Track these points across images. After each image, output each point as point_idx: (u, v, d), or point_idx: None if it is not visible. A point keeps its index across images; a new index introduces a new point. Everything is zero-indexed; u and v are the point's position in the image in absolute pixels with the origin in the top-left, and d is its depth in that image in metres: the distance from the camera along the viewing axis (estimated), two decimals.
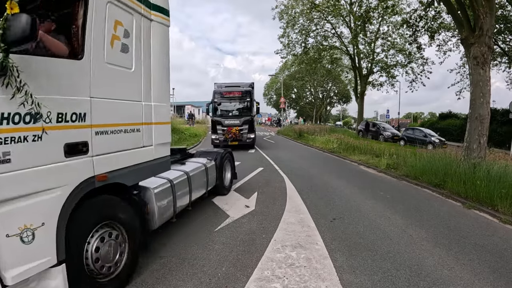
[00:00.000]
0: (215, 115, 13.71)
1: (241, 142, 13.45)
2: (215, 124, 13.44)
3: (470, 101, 7.71)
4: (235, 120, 13.50)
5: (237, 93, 14.05)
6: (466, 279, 2.80)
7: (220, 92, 13.99)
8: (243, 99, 14.01)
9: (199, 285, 2.67)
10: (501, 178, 5.52)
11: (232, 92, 14.13)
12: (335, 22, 24.28)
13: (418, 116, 66.45)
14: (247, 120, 13.60)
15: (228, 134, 13.09)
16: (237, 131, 13.13)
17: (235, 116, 13.81)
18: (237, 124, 13.38)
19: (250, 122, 13.73)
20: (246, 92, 14.06)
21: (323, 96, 52.44)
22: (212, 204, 5.18)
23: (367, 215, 4.67)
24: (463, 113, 26.75)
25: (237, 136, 13.15)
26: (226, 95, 14.01)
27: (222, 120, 13.42)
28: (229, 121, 13.40)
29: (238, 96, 14.04)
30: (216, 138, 13.42)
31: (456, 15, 8.26)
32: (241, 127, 13.36)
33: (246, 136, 13.54)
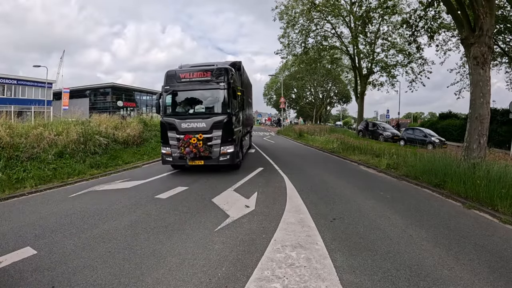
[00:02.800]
0: (166, 114, 8.06)
1: (210, 162, 7.71)
2: (165, 130, 7.93)
3: (470, 101, 7.71)
4: (198, 121, 7.73)
5: (204, 75, 7.98)
6: (466, 279, 2.80)
7: (175, 75, 8.11)
8: (215, 85, 7.90)
9: (199, 285, 2.67)
10: (501, 178, 5.52)
11: (196, 73, 8.03)
12: (335, 22, 24.31)
13: (418, 116, 66.46)
14: (219, 122, 7.65)
15: (184, 147, 7.46)
16: (199, 143, 7.46)
17: (198, 115, 7.96)
18: (202, 128, 7.64)
19: (226, 125, 7.71)
20: (220, 74, 7.93)
21: (323, 96, 52.44)
22: (212, 204, 5.19)
23: (367, 215, 4.67)
24: (463, 113, 26.80)
25: (201, 150, 7.46)
26: (185, 80, 8.02)
27: (176, 122, 7.80)
28: (187, 124, 7.72)
29: (205, 80, 7.94)
30: (167, 153, 7.90)
31: (456, 15, 8.26)
32: (208, 134, 7.61)
33: (217, 151, 7.65)
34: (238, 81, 9.27)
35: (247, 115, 12.22)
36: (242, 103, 9.58)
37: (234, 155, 7.93)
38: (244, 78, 11.02)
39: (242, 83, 10.15)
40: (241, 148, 9.39)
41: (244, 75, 10.90)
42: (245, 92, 10.81)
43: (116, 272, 2.88)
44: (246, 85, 11.68)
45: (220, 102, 7.93)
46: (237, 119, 8.53)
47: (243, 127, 10.24)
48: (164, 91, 8.09)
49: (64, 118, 12.65)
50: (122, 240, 3.66)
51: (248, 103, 12.84)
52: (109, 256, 3.21)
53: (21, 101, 35.45)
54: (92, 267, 2.99)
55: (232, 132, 7.84)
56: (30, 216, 4.58)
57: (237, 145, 8.38)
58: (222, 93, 7.84)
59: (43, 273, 2.88)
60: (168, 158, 7.94)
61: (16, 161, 7.45)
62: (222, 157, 7.67)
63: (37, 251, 3.34)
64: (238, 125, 8.77)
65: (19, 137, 8.11)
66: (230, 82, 7.84)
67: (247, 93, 12.08)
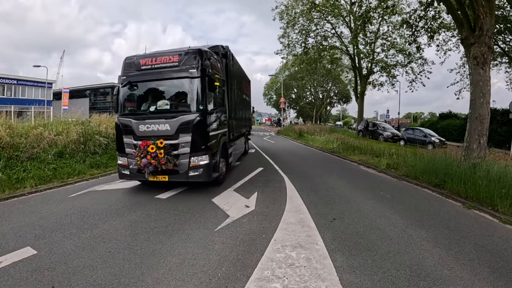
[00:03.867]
0: (122, 114, 6.23)
1: (176, 178, 5.72)
2: (120, 134, 6.06)
3: (470, 101, 7.71)
4: (161, 122, 5.72)
5: (170, 61, 5.89)
6: (466, 279, 2.80)
7: (134, 62, 6.11)
8: (183, 72, 5.80)
9: (199, 285, 2.67)
10: (501, 178, 5.52)
11: (159, 59, 5.97)
12: (335, 22, 24.32)
13: (418, 116, 66.49)
14: (188, 124, 5.63)
15: (140, 157, 5.57)
16: (160, 152, 5.48)
17: (161, 113, 5.88)
18: (164, 132, 5.68)
19: (198, 127, 5.65)
20: (191, 58, 5.81)
21: (323, 96, 52.45)
22: (212, 204, 5.19)
23: (367, 215, 4.67)
24: (463, 113, 26.81)
25: (162, 162, 5.49)
26: (146, 68, 6.01)
27: (133, 123, 5.88)
28: (146, 126, 5.78)
29: (172, 66, 5.87)
30: (123, 165, 6.04)
31: (456, 15, 8.26)
32: (172, 139, 5.64)
33: (186, 164, 5.67)
34: (221, 70, 7.02)
35: (239, 114, 9.79)
36: (223, 97, 7.09)
37: (210, 168, 5.77)
38: (235, 69, 8.89)
39: (231, 73, 7.98)
40: (226, 157, 7.15)
41: (234, 65, 8.83)
42: (234, 84, 8.54)
43: (116, 272, 2.88)
44: (238, 77, 9.48)
45: (190, 95, 5.77)
46: (216, 119, 6.32)
47: (233, 129, 8.16)
48: (123, 83, 6.05)
49: (64, 118, 12.65)
50: (122, 240, 3.66)
51: (242, 100, 10.64)
52: (109, 256, 3.21)
53: (21, 101, 35.46)
54: (92, 267, 2.99)
55: (206, 137, 5.69)
56: (30, 216, 4.58)
57: (216, 154, 6.16)
58: (193, 83, 5.67)
59: (43, 273, 2.88)
60: (124, 171, 6.01)
61: (16, 161, 7.45)
62: (192, 172, 5.58)
63: (37, 251, 3.34)
64: (218, 127, 6.46)
65: (19, 137, 8.11)
66: (204, 68, 5.66)
67: (240, 86, 9.97)
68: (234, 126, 8.38)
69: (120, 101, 6.29)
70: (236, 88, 9.02)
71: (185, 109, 5.81)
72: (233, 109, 8.26)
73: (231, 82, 8.02)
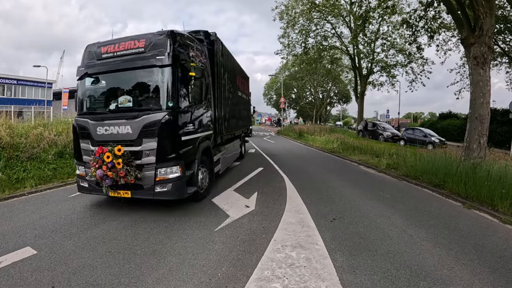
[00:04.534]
0: (80, 113, 5.16)
1: (139, 194, 4.54)
2: (77, 137, 4.98)
3: (470, 101, 7.71)
4: (121, 124, 4.53)
5: (135, 46, 4.71)
6: (466, 279, 2.80)
7: (95, 51, 5.04)
8: (148, 60, 4.54)
9: (199, 285, 2.67)
10: (501, 178, 5.52)
11: (123, 44, 4.80)
12: (335, 22, 24.33)
13: (418, 116, 66.50)
14: (153, 125, 4.37)
15: (95, 167, 4.43)
16: (117, 162, 4.29)
17: (122, 112, 4.67)
18: (124, 136, 4.50)
19: (166, 129, 4.39)
20: (159, 42, 4.60)
21: (323, 96, 52.44)
22: (212, 204, 5.19)
23: (367, 215, 4.67)
24: (463, 113, 26.81)
25: (120, 174, 4.30)
26: (107, 56, 4.89)
27: (90, 124, 4.77)
28: (105, 129, 4.62)
29: (136, 53, 4.67)
30: (82, 175, 4.98)
31: (456, 15, 8.26)
32: (134, 146, 4.45)
33: (151, 177, 4.44)
34: (205, 59, 5.74)
35: (233, 113, 8.46)
36: (206, 92, 5.57)
37: (182, 183, 4.54)
38: (226, 61, 7.44)
39: (219, 65, 6.65)
40: (210, 166, 5.76)
41: (225, 56, 7.35)
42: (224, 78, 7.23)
43: (116, 272, 2.88)
44: (230, 71, 8.12)
45: (157, 89, 4.55)
46: (193, 119, 5.01)
47: (222, 131, 6.85)
48: (81, 74, 4.98)
49: (64, 118, 12.64)
50: (122, 240, 3.65)
51: (237, 97, 9.30)
52: (109, 256, 3.21)
53: (21, 101, 35.45)
54: (92, 267, 2.99)
55: (177, 143, 4.49)
56: (30, 216, 4.58)
57: (192, 164, 4.92)
58: (162, 73, 4.47)
59: (43, 273, 2.88)
60: (83, 183, 4.90)
61: (16, 161, 7.45)
62: (159, 187, 4.39)
63: (37, 251, 3.34)
64: (198, 128, 5.18)
65: (19, 137, 8.11)
66: (176, 55, 4.49)
67: (233, 82, 8.63)
68: (224, 127, 7.14)
69: (79, 98, 5.13)
70: (228, 83, 7.77)
71: (151, 107, 4.53)
72: (223, 107, 7.02)
73: (219, 75, 6.69)
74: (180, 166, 4.53)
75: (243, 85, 10.81)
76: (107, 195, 4.68)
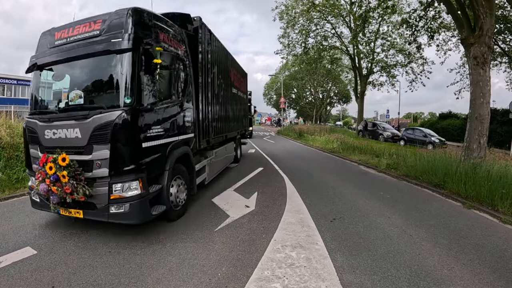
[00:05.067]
0: (31, 112, 4.13)
1: (92, 215, 3.55)
2: (26, 142, 4.05)
3: (470, 101, 7.72)
4: (69, 126, 3.52)
5: (90, 29, 3.70)
6: (466, 279, 2.80)
7: (48, 39, 4.02)
8: (102, 46, 3.50)
9: (199, 285, 2.67)
10: (501, 178, 5.53)
11: (77, 28, 3.80)
12: (335, 22, 24.34)
13: (418, 116, 66.50)
14: (105, 128, 3.35)
15: (40, 180, 3.45)
16: (62, 174, 3.30)
17: (72, 111, 3.63)
18: (72, 142, 3.51)
19: (122, 132, 3.35)
20: (115, 25, 3.59)
21: (323, 96, 52.46)
22: (212, 204, 5.19)
23: (367, 215, 4.67)
24: (463, 113, 26.80)
25: (66, 190, 3.30)
26: (61, 42, 3.88)
27: (38, 126, 3.79)
28: (53, 132, 3.63)
29: (91, 37, 3.67)
30: (33, 188, 3.87)
31: (456, 15, 8.27)
32: (84, 154, 3.46)
33: (104, 194, 3.43)
34: (183, 47, 4.76)
35: (225, 113, 7.55)
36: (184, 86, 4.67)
37: (144, 202, 3.57)
38: (215, 51, 6.42)
39: (205, 55, 5.66)
40: (189, 178, 4.78)
41: (213, 46, 6.27)
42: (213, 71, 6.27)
43: (116, 272, 2.88)
44: (221, 64, 7.11)
45: (113, 81, 3.60)
46: (163, 119, 4.02)
47: (207, 133, 5.84)
48: (32, 65, 4.07)
49: None
50: (122, 240, 3.65)
51: (231, 95, 8.35)
52: (109, 256, 3.21)
53: (21, 101, 35.43)
54: (92, 267, 2.99)
55: (137, 150, 3.52)
56: (30, 216, 4.58)
57: (161, 177, 3.99)
58: (119, 61, 3.53)
59: (43, 273, 2.88)
60: (34, 197, 4.00)
61: (16, 161, 7.44)
62: (114, 207, 3.45)
63: (37, 251, 3.34)
64: (169, 131, 4.18)
65: (19, 137, 8.11)
66: (138, 37, 3.55)
67: (226, 76, 7.67)
68: (212, 129, 6.18)
69: (32, 94, 4.23)
70: (219, 78, 6.80)
71: (105, 104, 3.50)
72: (211, 105, 6.03)
73: (205, 68, 5.64)
74: (140, 181, 3.49)
75: (239, 82, 9.62)
76: (57, 214, 3.72)
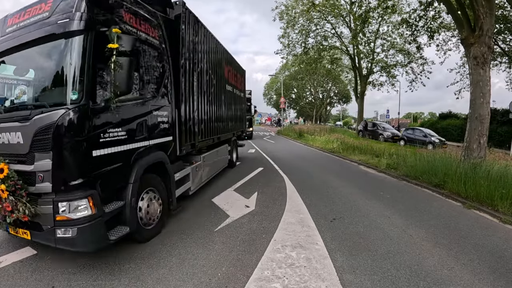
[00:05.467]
0: None
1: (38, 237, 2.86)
2: None
3: (470, 101, 7.71)
4: (10, 129, 2.89)
5: (40, 11, 2.96)
6: (466, 279, 2.80)
7: (2, 26, 3.30)
8: (49, 30, 2.83)
9: (199, 285, 2.67)
10: (501, 178, 5.53)
11: (29, 11, 3.07)
12: (335, 22, 24.35)
13: (418, 116, 66.50)
14: (46, 131, 2.67)
15: None
16: (1, 188, 2.66)
17: (17, 110, 3.04)
18: (15, 148, 2.86)
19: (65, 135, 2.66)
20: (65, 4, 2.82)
21: (323, 96, 52.47)
22: (212, 204, 5.19)
23: (367, 215, 4.67)
24: (463, 113, 26.79)
25: (6, 207, 2.68)
26: (12, 30, 3.16)
27: None
28: None
29: (39, 22, 2.92)
30: None
31: (456, 15, 8.26)
32: (25, 163, 2.80)
33: (49, 214, 2.72)
34: (153, 31, 3.90)
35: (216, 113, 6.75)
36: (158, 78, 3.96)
37: (97, 226, 2.86)
38: (200, 40, 5.55)
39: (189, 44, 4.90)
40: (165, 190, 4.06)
41: (200, 34, 5.50)
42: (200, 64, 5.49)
43: (116, 272, 2.88)
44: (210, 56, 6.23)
45: (59, 72, 2.95)
46: (123, 120, 3.28)
47: (191, 136, 5.04)
48: None
49: None
50: (123, 240, 3.65)
51: (225, 93, 7.64)
52: (109, 256, 3.21)
53: None
54: (92, 266, 2.99)
55: (86, 159, 2.82)
56: None
57: (122, 192, 3.28)
58: (66, 46, 2.87)
59: (43, 273, 2.88)
60: None
61: None
62: (61, 231, 2.76)
63: (37, 251, 3.34)
64: (133, 135, 3.43)
65: None
66: (90, 16, 2.86)
67: (218, 72, 6.86)
68: (198, 131, 5.40)
69: None
70: (209, 73, 6.04)
71: (48, 101, 2.84)
72: (197, 103, 5.28)
73: (190, 60, 4.96)
74: (90, 199, 2.78)
75: (235, 79, 8.83)
76: (7, 232, 3.14)
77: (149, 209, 3.66)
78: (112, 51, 2.85)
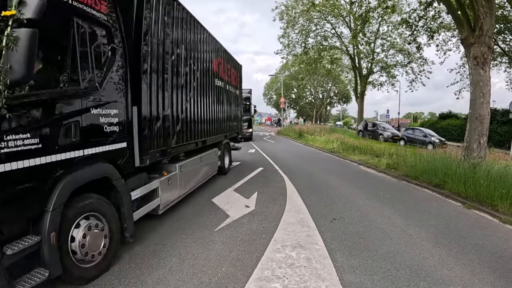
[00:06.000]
0: None
1: None
2: None
3: (470, 101, 7.71)
4: None
5: None
6: (466, 279, 2.80)
7: None
8: None
9: (199, 285, 2.67)
10: (501, 178, 5.52)
11: None
12: (335, 22, 24.35)
13: (418, 116, 66.48)
14: None
15: None
16: None
17: None
18: None
19: None
20: None
21: (323, 96, 52.47)
22: (212, 204, 5.19)
23: (367, 215, 4.67)
24: (463, 113, 26.78)
25: None
26: None
27: None
28: None
29: None
30: None
31: (456, 15, 8.26)
32: None
33: None
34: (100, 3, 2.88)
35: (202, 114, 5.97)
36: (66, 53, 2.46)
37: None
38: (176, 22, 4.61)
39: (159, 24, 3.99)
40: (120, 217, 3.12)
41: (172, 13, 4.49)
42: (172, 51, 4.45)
43: (116, 272, 2.88)
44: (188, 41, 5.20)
45: None
46: (37, 120, 2.21)
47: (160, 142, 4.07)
48: None
49: None
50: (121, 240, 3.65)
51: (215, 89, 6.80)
52: None
53: None
54: None
55: None
56: None
57: (36, 224, 2.28)
58: None
59: None
60: None
61: None
62: None
63: None
64: (51, 142, 2.34)
65: None
66: None
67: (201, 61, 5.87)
68: (173, 133, 4.54)
69: None
70: (190, 64, 5.22)
71: None
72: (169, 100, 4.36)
73: (161, 46, 4.05)
74: None
75: (228, 74, 7.97)
76: None
77: (86, 240, 2.62)
78: (5, 20, 1.98)
